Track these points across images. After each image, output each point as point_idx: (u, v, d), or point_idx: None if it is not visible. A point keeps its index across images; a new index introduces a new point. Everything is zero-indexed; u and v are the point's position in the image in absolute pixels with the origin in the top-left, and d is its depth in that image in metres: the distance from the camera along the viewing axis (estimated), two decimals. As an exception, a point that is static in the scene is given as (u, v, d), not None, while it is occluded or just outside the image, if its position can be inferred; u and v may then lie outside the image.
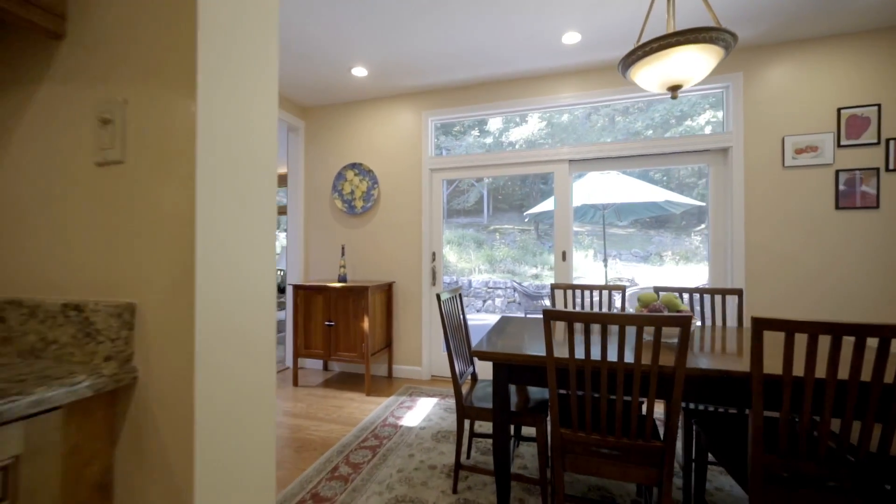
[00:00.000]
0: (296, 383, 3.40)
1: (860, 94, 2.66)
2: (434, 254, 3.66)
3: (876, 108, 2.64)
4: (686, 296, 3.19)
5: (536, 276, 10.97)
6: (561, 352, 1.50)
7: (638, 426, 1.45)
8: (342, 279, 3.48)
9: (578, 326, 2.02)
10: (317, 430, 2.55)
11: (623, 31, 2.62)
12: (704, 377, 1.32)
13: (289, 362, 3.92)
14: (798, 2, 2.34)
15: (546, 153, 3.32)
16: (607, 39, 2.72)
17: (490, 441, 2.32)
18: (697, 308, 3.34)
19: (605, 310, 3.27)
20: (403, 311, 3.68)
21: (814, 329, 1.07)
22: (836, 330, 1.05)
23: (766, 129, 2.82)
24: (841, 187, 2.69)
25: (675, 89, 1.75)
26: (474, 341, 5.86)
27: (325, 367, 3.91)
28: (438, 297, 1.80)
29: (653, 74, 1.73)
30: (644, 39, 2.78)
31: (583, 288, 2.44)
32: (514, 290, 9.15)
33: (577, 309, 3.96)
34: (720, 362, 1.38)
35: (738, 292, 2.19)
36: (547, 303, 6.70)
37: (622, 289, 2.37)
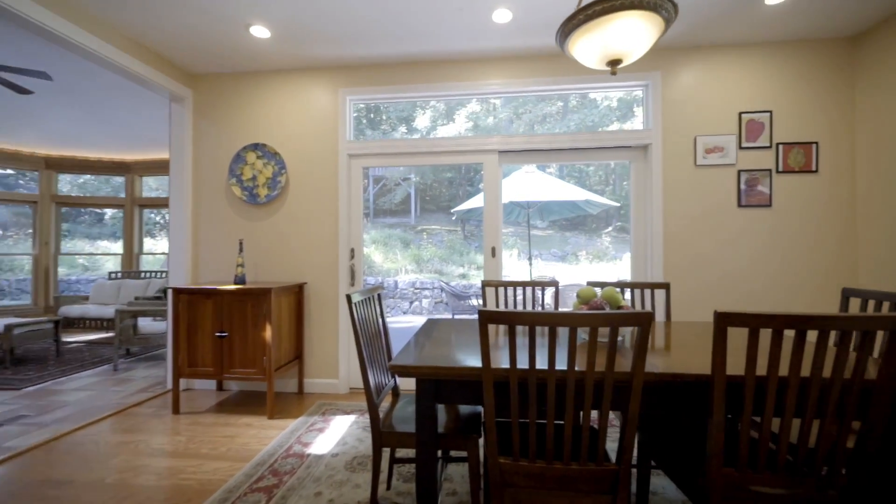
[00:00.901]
0: (176, 410, 2.74)
1: (757, 101, 2.86)
2: (353, 251, 3.25)
3: (768, 114, 2.85)
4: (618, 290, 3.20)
5: (464, 276, 10.95)
6: (499, 361, 1.24)
7: (589, 447, 1.24)
8: (239, 280, 2.91)
9: (519, 329, 1.79)
10: (196, 471, 2.00)
11: (556, 11, 2.49)
12: (654, 382, 1.15)
13: (170, 384, 3.20)
14: (709, 7, 2.40)
15: (476, 142, 3.11)
16: (540, 21, 2.58)
17: (415, 465, 2.00)
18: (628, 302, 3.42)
19: (538, 307, 3.09)
20: (317, 317, 3.20)
21: (781, 323, 0.93)
22: (805, 323, 0.92)
23: (681, 128, 2.92)
24: (742, 186, 2.86)
25: (614, 64, 1.61)
26: (398, 347, 5.51)
27: (220, 387, 3.27)
28: (349, 298, 1.44)
29: (593, 46, 1.57)
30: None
31: (515, 284, 2.25)
32: (442, 290, 8.98)
33: (510, 307, 3.77)
34: (664, 363, 1.23)
35: (666, 286, 2.15)
36: (475, 302, 6.59)
37: (555, 284, 2.22)
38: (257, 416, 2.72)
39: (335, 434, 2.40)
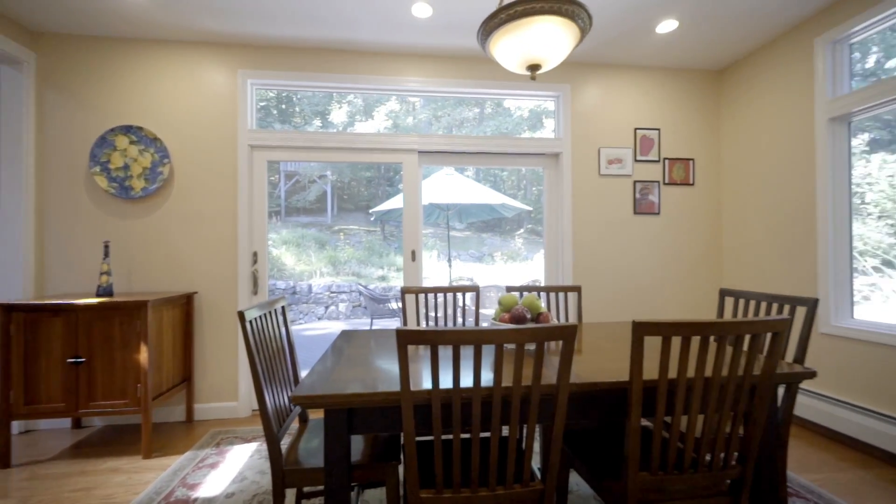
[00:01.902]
0: (6, 463, 2.13)
1: (649, 118, 3.18)
2: (256, 254, 2.88)
3: (657, 131, 3.19)
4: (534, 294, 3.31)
5: (383, 278, 10.66)
6: (420, 378, 1.13)
7: (515, 468, 1.19)
8: (104, 292, 2.38)
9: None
10: (30, 543, 1.55)
11: (476, 11, 2.46)
12: (573, 392, 1.14)
13: None
14: (611, 28, 2.59)
15: (395, 140, 2.97)
16: (460, 20, 2.54)
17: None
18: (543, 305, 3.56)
19: (459, 312, 3.05)
20: (212, 331, 2.77)
21: (689, 331, 0.97)
22: (708, 329, 0.97)
23: (587, 139, 3.12)
24: (637, 195, 3.16)
25: (533, 69, 1.60)
26: (313, 358, 5.11)
27: (78, 424, 2.64)
28: (242, 316, 1.20)
29: (514, 48, 1.54)
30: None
31: (436, 291, 2.16)
32: (360, 293, 8.61)
33: (430, 313, 3.65)
34: (581, 370, 1.24)
35: (577, 289, 2.25)
36: (394, 306, 6.42)
37: (476, 289, 2.18)
38: (129, 456, 2.24)
39: (231, 469, 2.07)
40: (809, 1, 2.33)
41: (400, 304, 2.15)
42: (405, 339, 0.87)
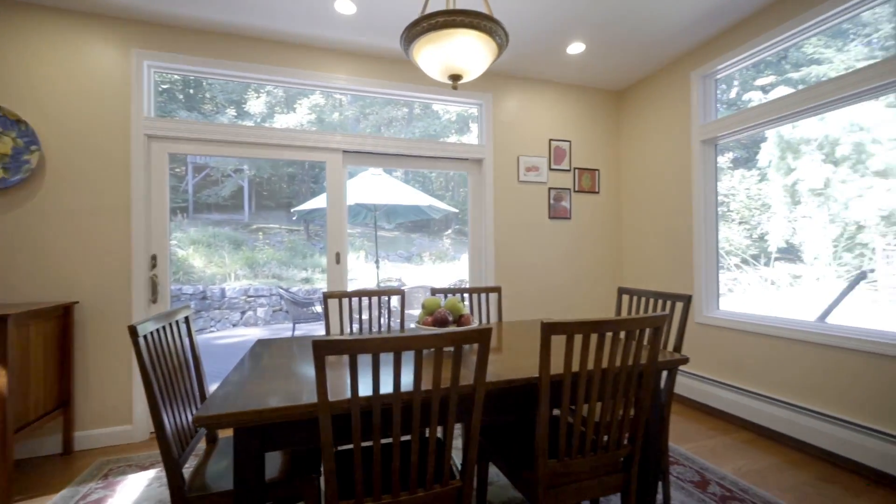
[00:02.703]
0: None
1: (562, 130, 3.46)
2: (155, 257, 2.57)
3: (569, 143, 3.48)
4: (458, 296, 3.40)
5: (307, 280, 10.13)
6: (340, 387, 1.11)
7: (435, 467, 1.22)
8: (-56, 305, 1.94)
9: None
10: None
11: (401, 12, 2.47)
12: (491, 389, 1.21)
13: None
14: (528, 44, 2.78)
15: (318, 138, 2.85)
16: (385, 21, 2.52)
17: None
18: (466, 307, 3.66)
19: (386, 314, 3.03)
20: (98, 347, 2.41)
21: (589, 329, 1.08)
22: (604, 327, 1.10)
23: (508, 147, 3.30)
24: (551, 201, 3.42)
25: (455, 79, 1.66)
26: (224, 373, 4.68)
27: None
28: (133, 331, 1.07)
29: (436, 57, 1.58)
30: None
31: (360, 294, 2.13)
32: (281, 297, 8.09)
33: (355, 317, 3.59)
34: (499, 368, 1.32)
35: (498, 290, 2.38)
36: (318, 309, 6.15)
37: (401, 293, 2.19)
38: (-19, 503, 1.86)
39: (123, 502, 1.82)
40: (686, 40, 2.73)
41: (323, 312, 2.07)
42: (322, 349, 0.85)
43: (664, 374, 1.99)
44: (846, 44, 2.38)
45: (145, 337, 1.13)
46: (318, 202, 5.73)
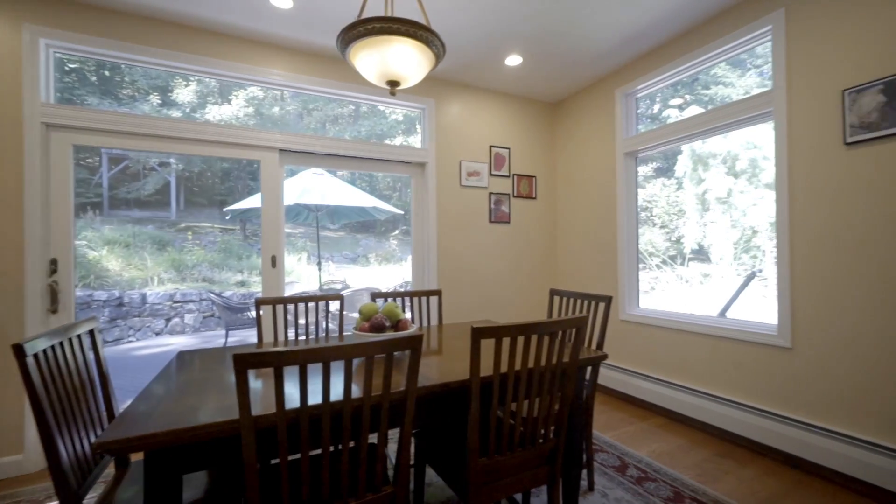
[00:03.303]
0: None
1: (502, 137, 3.60)
2: (55, 262, 2.28)
3: (508, 150, 3.63)
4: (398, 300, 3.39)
5: (243, 284, 9.49)
6: (264, 400, 1.07)
7: (368, 475, 1.22)
8: None
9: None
10: None
11: (339, 11, 2.42)
12: (426, 394, 1.24)
13: None
14: (468, 55, 2.86)
15: (253, 135, 2.71)
16: (323, 19, 2.45)
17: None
18: (407, 314, 3.66)
19: (322, 319, 2.95)
20: (-23, 365, 2.09)
21: (516, 332, 1.15)
22: (530, 329, 1.17)
23: (450, 151, 3.36)
24: (492, 206, 3.54)
25: (393, 85, 1.67)
26: (141, 387, 4.26)
27: None
28: (19, 350, 0.95)
29: (373, 62, 1.58)
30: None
31: (296, 301, 2.05)
32: (213, 302, 7.52)
33: (290, 323, 3.44)
34: (435, 372, 1.35)
35: (438, 293, 2.42)
36: (254, 314, 5.81)
37: (340, 297, 2.15)
38: None
39: (11, 542, 1.60)
40: (611, 60, 2.97)
41: (256, 320, 1.96)
42: (243, 364, 0.82)
43: (588, 369, 2.15)
44: (745, 72, 2.74)
45: (36, 356, 1.01)
46: (255, 201, 5.42)
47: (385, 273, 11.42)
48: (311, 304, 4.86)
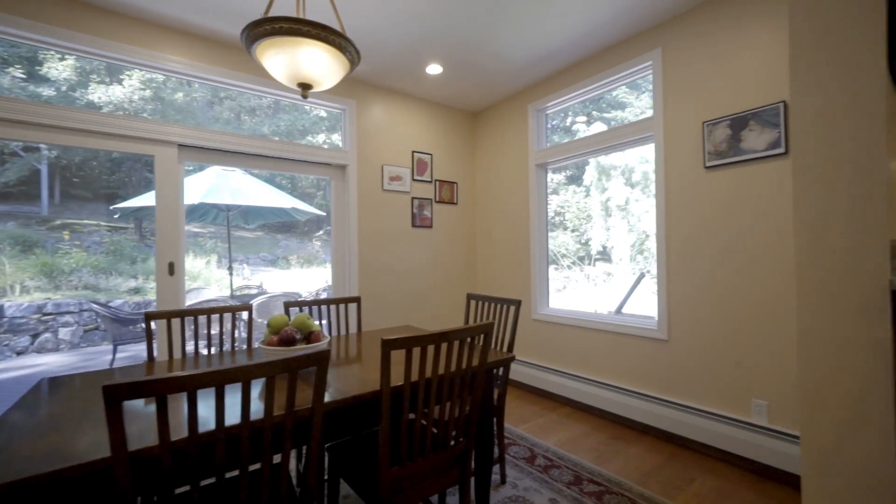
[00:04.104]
0: None
1: (424, 143, 3.65)
2: None
3: (430, 156, 3.69)
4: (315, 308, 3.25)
5: (137, 291, 8.33)
6: (147, 432, 0.97)
7: (270, 499, 1.16)
8: None
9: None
10: None
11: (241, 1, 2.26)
12: (337, 407, 1.22)
13: None
14: (390, 60, 2.86)
15: (146, 127, 2.41)
16: (222, 6, 2.27)
17: None
18: (324, 322, 3.50)
19: (227, 333, 2.78)
20: None
21: (420, 342, 1.18)
22: (440, 339, 1.21)
23: (372, 155, 3.33)
24: (415, 211, 3.57)
25: (305, 88, 1.61)
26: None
27: None
28: None
29: (283, 63, 1.51)
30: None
31: (195, 313, 1.88)
32: (97, 314, 6.49)
33: (188, 339, 3.14)
34: (348, 384, 1.34)
35: (357, 300, 2.38)
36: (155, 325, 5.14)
37: (248, 308, 2.01)
38: None
39: None
40: (524, 77, 3.18)
41: (154, 326, 1.75)
42: (115, 396, 0.74)
43: (500, 369, 2.27)
44: (640, 94, 3.11)
45: None
46: (152, 198, 4.80)
47: (307, 276, 10.86)
48: (216, 316, 4.43)
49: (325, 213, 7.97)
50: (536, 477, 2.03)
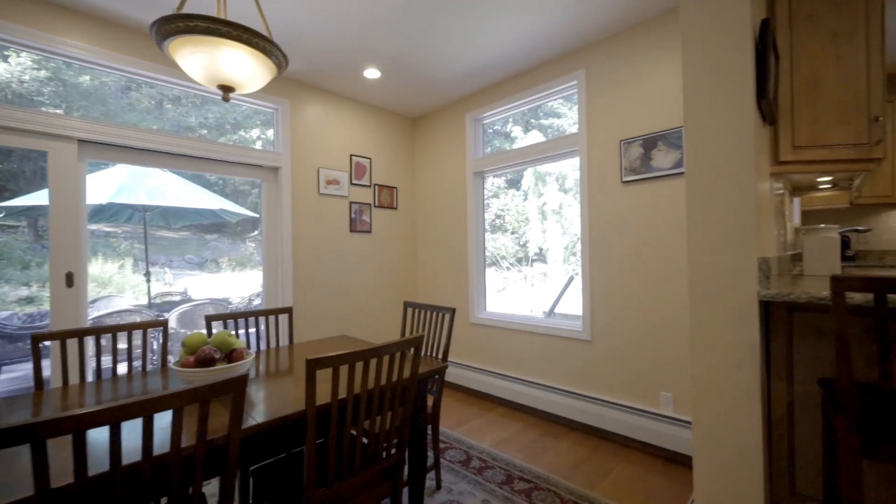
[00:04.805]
0: None
1: (363, 147, 3.59)
2: None
3: (369, 160, 3.64)
4: (241, 320, 3.04)
5: (30, 301, 7.24)
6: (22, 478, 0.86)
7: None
8: None
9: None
10: None
11: (161, -5, 2.07)
12: (259, 432, 1.17)
13: None
14: (326, 61, 2.78)
15: (36, 118, 2.11)
16: (138, -5, 2.07)
17: None
18: (252, 332, 3.29)
19: (143, 348, 2.55)
20: None
21: (353, 359, 1.17)
22: (370, 355, 1.20)
23: (307, 157, 3.21)
24: (353, 216, 3.50)
25: (226, 90, 1.52)
26: None
27: None
28: None
29: (201, 63, 1.41)
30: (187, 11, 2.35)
31: (97, 332, 1.68)
32: (-26, 328, 5.51)
33: (88, 360, 2.86)
34: (275, 402, 1.29)
35: (288, 311, 2.28)
36: (46, 342, 4.49)
37: (163, 324, 1.85)
38: None
39: None
40: (461, 87, 3.25)
41: (33, 361, 1.51)
42: (-23, 446, 0.64)
43: (436, 377, 2.30)
44: (573, 106, 3.31)
45: None
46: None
47: (240, 280, 10.14)
48: (125, 332, 3.97)
49: (257, 215, 7.51)
50: (471, 479, 2.08)
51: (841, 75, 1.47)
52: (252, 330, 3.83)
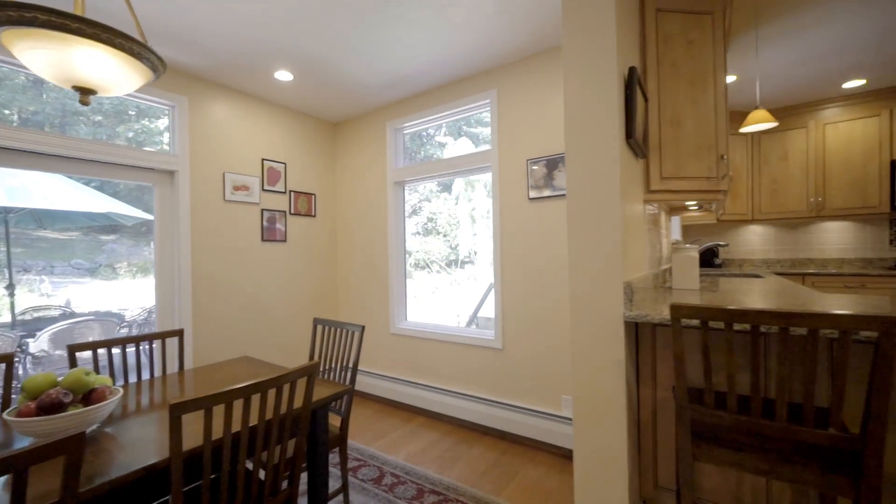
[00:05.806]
0: None
1: (277, 151, 3.39)
2: None
3: (284, 165, 3.45)
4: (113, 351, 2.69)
5: None
6: None
7: None
8: None
9: None
10: None
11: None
12: (115, 486, 1.04)
13: None
14: (229, 58, 2.58)
15: None
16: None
17: None
18: (132, 363, 2.91)
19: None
20: None
21: (228, 398, 1.09)
22: (246, 392, 1.13)
23: (212, 161, 2.95)
24: (265, 223, 3.29)
25: (86, 92, 1.33)
26: None
27: None
28: None
29: (47, 60, 1.22)
30: None
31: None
32: None
33: None
34: (141, 448, 1.16)
35: (179, 333, 2.07)
36: None
37: (8, 358, 1.56)
38: None
39: None
40: (380, 97, 3.22)
41: None
42: None
43: (345, 398, 2.24)
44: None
45: None
46: None
47: (141, 289, 9.00)
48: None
49: (152, 217, 6.71)
50: (382, 498, 2.06)
51: (696, 117, 1.70)
52: (144, 352, 3.42)
